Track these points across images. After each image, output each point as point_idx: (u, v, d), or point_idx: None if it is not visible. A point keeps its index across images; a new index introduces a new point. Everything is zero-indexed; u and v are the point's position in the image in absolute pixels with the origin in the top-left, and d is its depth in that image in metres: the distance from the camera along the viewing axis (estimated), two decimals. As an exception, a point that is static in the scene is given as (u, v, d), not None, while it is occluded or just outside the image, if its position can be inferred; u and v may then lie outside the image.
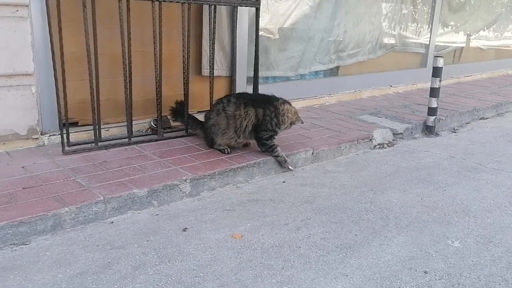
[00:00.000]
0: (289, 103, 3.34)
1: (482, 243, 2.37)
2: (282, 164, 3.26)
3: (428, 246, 2.33)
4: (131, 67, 3.25)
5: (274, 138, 3.22)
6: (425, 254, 2.25)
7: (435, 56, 4.26)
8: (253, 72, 4.02)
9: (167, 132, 3.61)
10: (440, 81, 4.22)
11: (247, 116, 3.16)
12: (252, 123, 3.17)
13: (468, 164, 3.56)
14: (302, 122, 3.48)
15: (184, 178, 2.77)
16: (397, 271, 2.11)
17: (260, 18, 3.90)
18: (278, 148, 3.22)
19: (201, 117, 3.98)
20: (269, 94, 3.35)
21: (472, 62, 7.33)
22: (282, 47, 4.75)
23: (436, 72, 4.19)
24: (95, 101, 3.16)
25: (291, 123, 3.31)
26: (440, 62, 4.15)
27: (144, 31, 3.45)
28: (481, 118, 5.01)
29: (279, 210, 2.69)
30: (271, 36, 4.66)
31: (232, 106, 3.18)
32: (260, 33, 4.08)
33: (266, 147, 3.21)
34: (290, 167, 3.29)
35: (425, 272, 2.10)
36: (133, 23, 3.24)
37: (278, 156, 3.22)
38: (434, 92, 4.25)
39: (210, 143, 3.32)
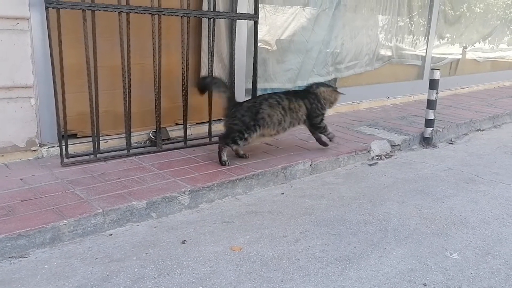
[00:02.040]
0: (322, 84, 3.78)
1: (481, 255, 2.37)
2: (332, 139, 3.77)
3: (427, 258, 2.33)
4: (130, 79, 3.27)
5: (324, 120, 3.69)
6: (424, 266, 2.25)
7: (431, 69, 4.30)
8: (251, 84, 4.04)
9: (165, 144, 3.62)
10: (437, 93, 4.25)
11: (301, 108, 3.55)
12: (305, 113, 3.58)
13: (466, 175, 3.57)
14: (343, 94, 3.87)
15: (183, 190, 2.77)
16: (396, 283, 2.11)
17: (258, 31, 3.93)
18: (328, 127, 3.73)
19: (200, 129, 4.02)
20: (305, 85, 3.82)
21: (468, 74, 7.39)
22: (280, 59, 4.79)
23: (433, 84, 4.22)
24: (94, 113, 3.17)
25: (331, 103, 3.75)
26: (437, 75, 4.19)
27: (144, 43, 3.47)
28: (478, 130, 5.04)
29: (278, 222, 2.69)
30: (269, 48, 4.70)
31: (285, 100, 3.49)
32: (259, 45, 4.11)
33: (321, 129, 3.69)
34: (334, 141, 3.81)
35: (424, 285, 2.10)
36: (132, 35, 3.27)
37: (329, 134, 3.73)
38: (431, 104, 4.28)
39: (232, 137, 3.25)
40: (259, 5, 3.92)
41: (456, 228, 2.67)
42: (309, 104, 3.57)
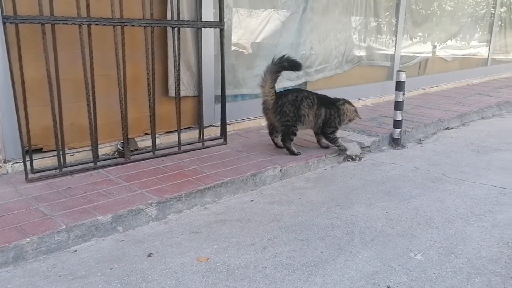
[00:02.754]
0: (348, 102, 3.97)
1: (444, 254, 2.42)
2: (342, 152, 3.96)
3: (391, 260, 2.36)
4: (94, 91, 3.24)
5: (336, 132, 3.92)
6: (388, 268, 2.29)
7: (397, 71, 4.38)
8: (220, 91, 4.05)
9: (134, 155, 3.59)
10: (403, 94, 4.33)
11: (321, 115, 3.82)
12: (322, 121, 3.84)
13: (433, 175, 3.64)
14: (361, 118, 4.13)
15: (149, 201, 2.75)
16: (361, 286, 2.13)
17: (224, 38, 3.94)
18: (339, 139, 3.95)
19: (170, 138, 3.99)
20: (333, 97, 4.00)
21: (437, 73, 7.55)
22: (249, 65, 4.80)
23: (399, 86, 4.30)
24: (58, 126, 3.12)
25: (349, 121, 3.97)
26: (403, 76, 4.27)
27: (108, 54, 3.43)
28: (446, 129, 5.15)
29: (246, 230, 2.69)
30: (238, 54, 4.71)
31: (316, 105, 3.78)
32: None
33: (330, 139, 3.90)
34: (347, 153, 3.97)
35: (388, 287, 2.13)
36: (96, 47, 3.24)
37: (340, 146, 3.93)
38: (398, 106, 4.35)
39: (290, 133, 3.71)
40: (224, 11, 3.93)
41: (421, 228, 2.72)
42: (329, 114, 3.82)
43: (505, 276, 2.22)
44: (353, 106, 4.01)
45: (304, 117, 3.73)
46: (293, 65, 3.71)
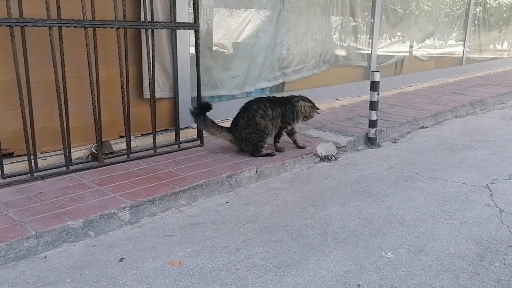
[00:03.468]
0: (304, 99, 4.00)
1: (414, 252, 2.47)
2: (278, 149, 3.96)
3: (362, 259, 2.40)
4: (66, 94, 3.19)
5: (286, 129, 3.96)
6: (359, 267, 2.32)
7: (372, 71, 4.43)
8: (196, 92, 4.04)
9: (108, 158, 3.56)
10: (378, 94, 4.39)
11: (279, 115, 3.84)
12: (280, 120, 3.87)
13: (406, 173, 3.70)
14: (319, 113, 4.14)
15: (122, 205, 2.73)
16: (332, 286, 2.16)
17: (199, 40, 3.93)
18: (279, 141, 4.00)
19: (145, 141, 3.96)
20: (290, 95, 4.05)
21: (413, 72, 7.66)
22: (226, 66, 4.80)
23: (374, 86, 4.35)
24: (28, 130, 3.06)
25: (305, 117, 4.01)
26: (377, 77, 4.32)
27: (80, 56, 3.39)
28: (421, 127, 5.23)
29: (221, 232, 2.69)
30: (216, 55, 4.70)
31: (269, 110, 3.77)
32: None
33: (279, 136, 3.94)
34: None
35: (358, 286, 2.16)
36: (68, 48, 3.20)
37: (277, 146, 3.97)
38: (373, 105, 4.41)
39: (258, 148, 3.74)
40: (198, 13, 3.92)
41: (392, 227, 2.76)
42: (284, 111, 3.87)
43: (472, 272, 2.27)
44: (310, 102, 4.04)
45: (265, 129, 3.75)
46: (204, 108, 3.71)
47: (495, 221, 2.82)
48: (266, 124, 3.75)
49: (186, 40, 4.16)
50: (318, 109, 4.10)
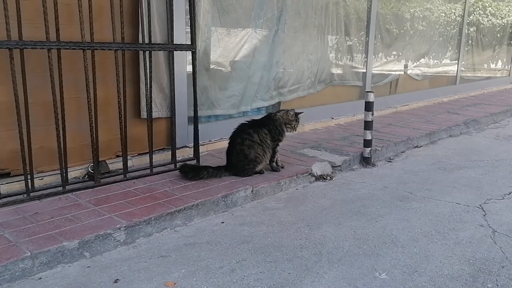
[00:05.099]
0: (282, 110, 4.04)
1: (408, 273, 2.48)
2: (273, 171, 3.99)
3: (356, 279, 2.41)
4: (64, 114, 3.23)
5: (278, 146, 3.99)
6: (353, 288, 2.33)
7: (366, 92, 4.50)
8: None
9: (105, 177, 3.57)
10: (372, 114, 4.44)
11: (268, 136, 3.86)
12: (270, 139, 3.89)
13: (400, 193, 3.73)
14: (298, 116, 4.04)
15: (118, 226, 2.74)
16: (326, 308, 2.17)
17: (196, 61, 3.99)
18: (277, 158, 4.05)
19: (142, 160, 3.99)
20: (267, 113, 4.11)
21: (408, 91, 7.76)
22: (222, 86, 4.86)
23: (368, 106, 4.41)
24: (25, 150, 3.09)
25: (292, 125, 3.98)
26: (371, 97, 4.39)
27: (79, 77, 3.43)
28: (415, 147, 5.28)
29: (216, 252, 2.70)
30: (212, 75, 4.76)
31: (254, 135, 3.79)
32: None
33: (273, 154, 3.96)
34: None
35: (352, 308, 2.17)
36: (66, 69, 3.25)
37: (272, 166, 3.99)
38: (368, 125, 4.46)
39: (250, 173, 3.79)
40: (196, 35, 3.99)
41: (386, 247, 2.78)
42: (269, 130, 3.88)
43: (465, 294, 2.29)
44: (291, 111, 3.99)
45: (257, 157, 3.78)
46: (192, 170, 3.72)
47: (488, 242, 2.85)
48: (257, 151, 3.77)
49: (183, 59, 4.23)
50: (293, 109, 4.02)
